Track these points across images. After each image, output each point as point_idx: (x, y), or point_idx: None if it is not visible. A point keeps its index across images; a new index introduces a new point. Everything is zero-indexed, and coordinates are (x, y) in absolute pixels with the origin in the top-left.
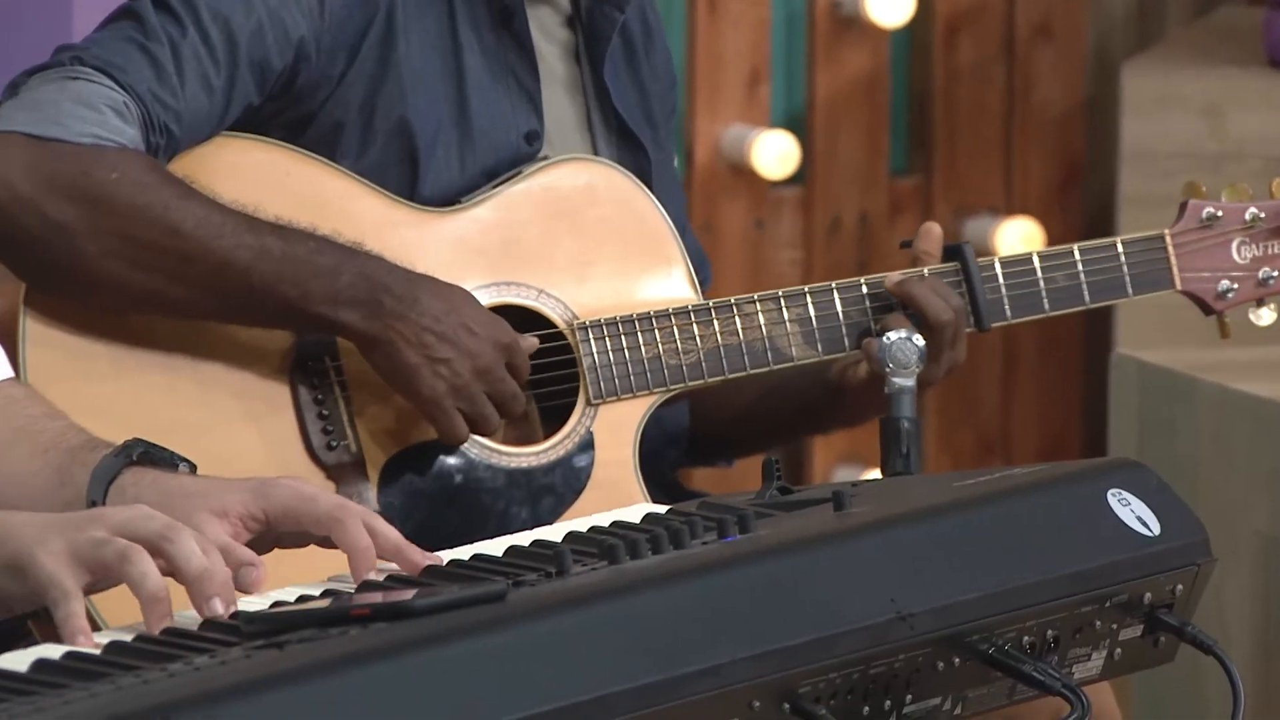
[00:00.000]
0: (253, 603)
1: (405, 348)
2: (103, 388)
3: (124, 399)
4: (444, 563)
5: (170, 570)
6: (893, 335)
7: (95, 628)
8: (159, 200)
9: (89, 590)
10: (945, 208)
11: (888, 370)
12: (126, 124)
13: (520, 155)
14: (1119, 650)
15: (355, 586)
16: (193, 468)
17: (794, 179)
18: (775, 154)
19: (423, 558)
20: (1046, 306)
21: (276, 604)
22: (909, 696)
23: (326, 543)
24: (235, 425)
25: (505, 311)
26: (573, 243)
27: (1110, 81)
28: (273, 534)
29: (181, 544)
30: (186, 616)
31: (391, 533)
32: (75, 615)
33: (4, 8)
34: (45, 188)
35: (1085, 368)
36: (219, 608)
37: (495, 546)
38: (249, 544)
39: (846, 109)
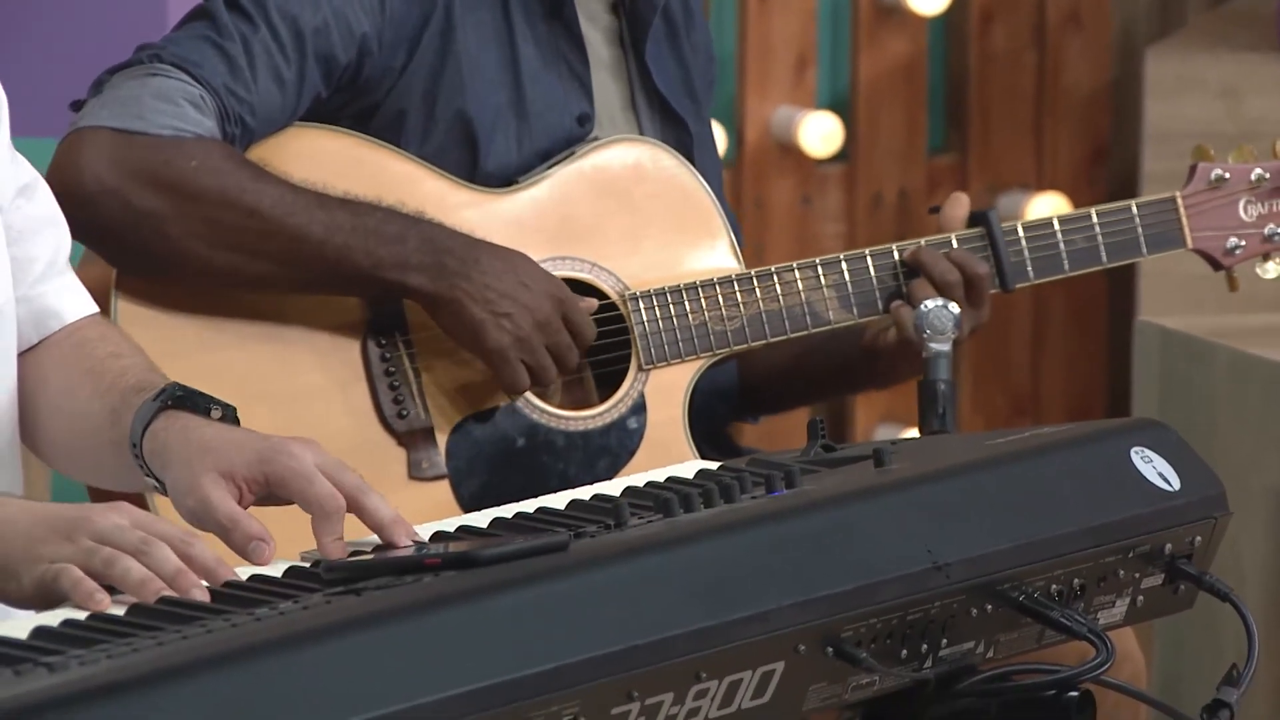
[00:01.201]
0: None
1: (470, 304)
2: (190, 364)
3: (209, 374)
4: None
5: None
6: (929, 304)
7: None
8: (236, 184)
9: None
10: (979, 184)
11: (925, 336)
12: (204, 116)
13: (573, 136)
14: (1141, 598)
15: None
16: (228, 410)
17: (838, 157)
18: (821, 134)
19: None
20: (1066, 267)
21: (355, 553)
22: (944, 641)
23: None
24: (313, 396)
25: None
26: (623, 218)
27: (1134, 66)
28: (274, 495)
29: (155, 553)
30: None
31: (382, 510)
32: (82, 580)
33: (101, 10)
34: (130, 178)
35: (1110, 333)
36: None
37: (558, 501)
38: (257, 502)
39: (887, 92)
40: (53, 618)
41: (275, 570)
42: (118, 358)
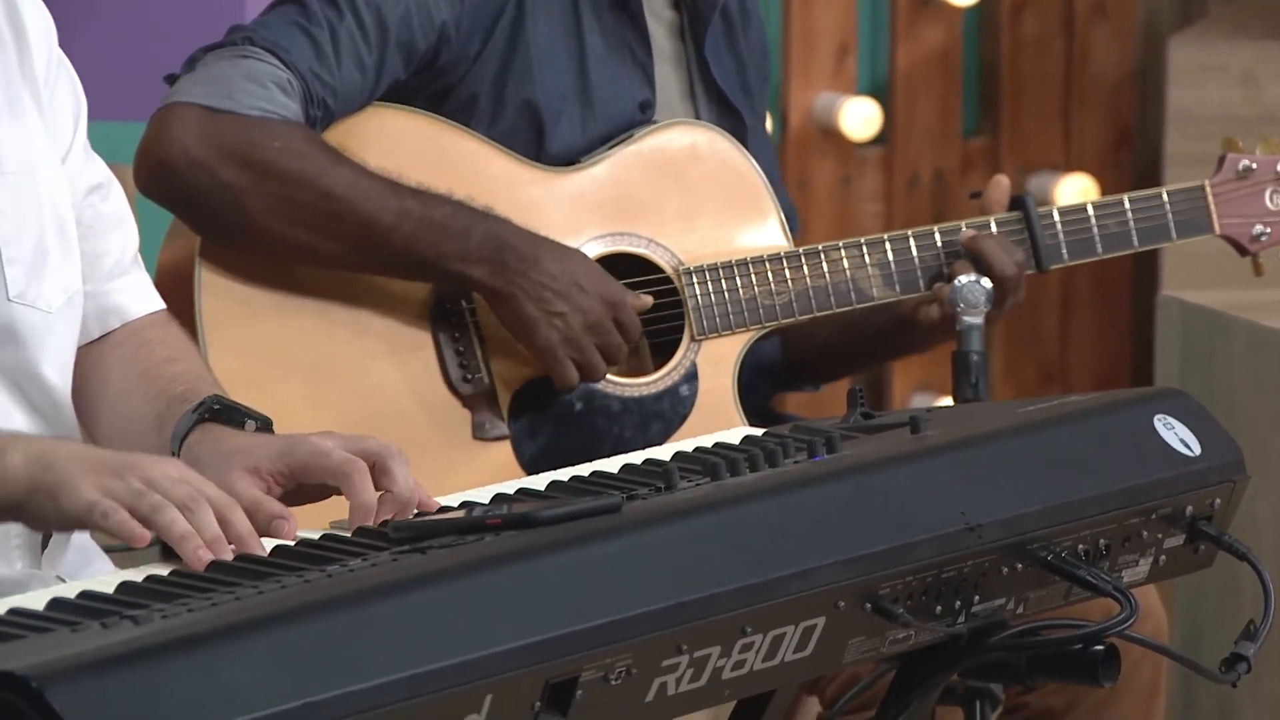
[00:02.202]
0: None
1: (525, 301)
2: (267, 327)
3: (285, 338)
4: (452, 506)
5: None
6: (963, 279)
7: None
8: (315, 167)
9: None
10: (1011, 166)
11: (959, 310)
12: (289, 99)
13: (635, 122)
14: (1163, 557)
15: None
16: (264, 422)
17: (877, 140)
18: (860, 118)
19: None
20: (1099, 250)
21: (419, 514)
22: (976, 598)
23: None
24: (382, 361)
25: (619, 258)
26: (679, 197)
27: (1158, 53)
28: (302, 489)
29: (199, 513)
30: (343, 523)
31: (404, 481)
32: (127, 520)
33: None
34: (218, 153)
35: (1135, 307)
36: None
37: (611, 464)
38: (285, 497)
39: (924, 78)
40: (136, 575)
41: (347, 530)
42: (172, 362)
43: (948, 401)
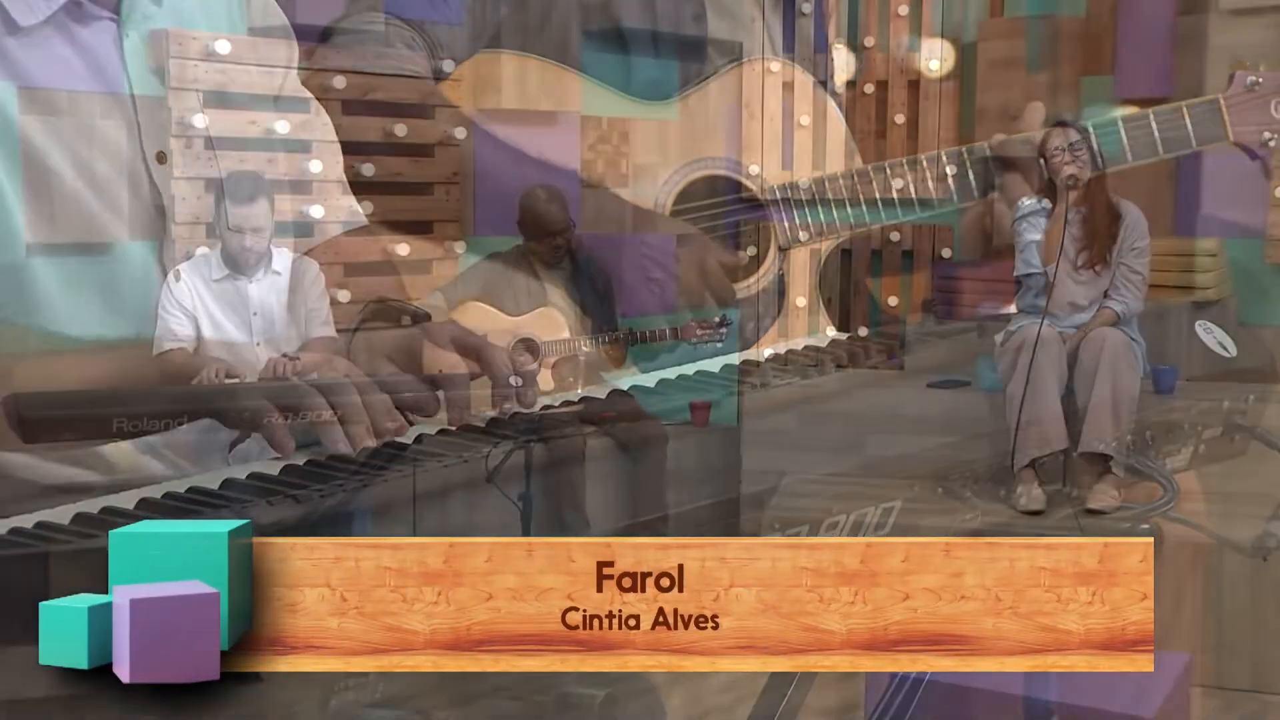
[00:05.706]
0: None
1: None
2: None
3: None
4: (574, 400)
5: None
6: (1025, 201)
7: None
8: None
9: None
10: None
11: (1021, 229)
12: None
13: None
14: (1202, 446)
15: None
16: None
17: (950, 78)
18: (936, 59)
19: None
20: (1129, 158)
21: (546, 408)
22: (1037, 482)
23: None
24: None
25: (711, 180)
26: (760, 126)
27: (1203, 1)
28: None
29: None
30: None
31: None
32: (279, 431)
33: None
34: None
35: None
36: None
37: (714, 365)
38: None
39: (994, 25)
40: (298, 459)
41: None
42: None
43: (1013, 309)
